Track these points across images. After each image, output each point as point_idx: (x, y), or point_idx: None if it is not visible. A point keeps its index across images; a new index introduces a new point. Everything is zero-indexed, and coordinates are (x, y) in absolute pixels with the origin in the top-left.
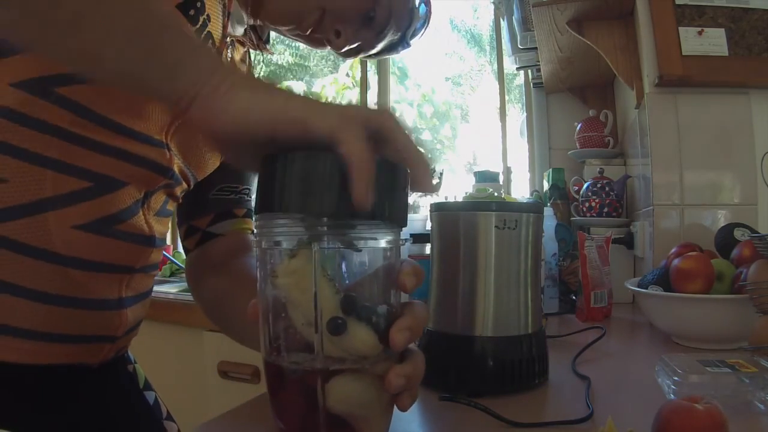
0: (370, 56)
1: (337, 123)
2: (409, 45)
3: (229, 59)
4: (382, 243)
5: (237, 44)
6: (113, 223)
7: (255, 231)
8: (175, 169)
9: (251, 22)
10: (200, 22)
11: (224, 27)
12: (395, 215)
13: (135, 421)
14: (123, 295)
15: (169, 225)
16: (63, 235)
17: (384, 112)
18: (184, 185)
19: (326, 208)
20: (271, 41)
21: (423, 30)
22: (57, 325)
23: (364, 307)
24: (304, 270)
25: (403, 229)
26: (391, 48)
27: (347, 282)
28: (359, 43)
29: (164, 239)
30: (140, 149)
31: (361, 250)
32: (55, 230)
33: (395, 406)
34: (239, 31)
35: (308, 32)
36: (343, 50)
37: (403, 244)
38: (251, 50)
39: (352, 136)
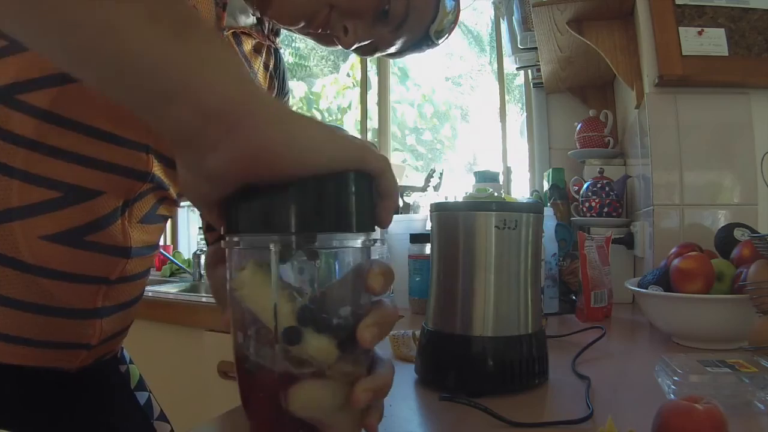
0: (391, 55)
1: (383, 162)
2: (435, 43)
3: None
4: (348, 246)
5: (243, 36)
6: (85, 234)
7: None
8: (156, 172)
9: (258, 15)
10: None
11: (219, 18)
12: (361, 223)
13: (120, 421)
14: (99, 305)
15: (160, 232)
16: (30, 246)
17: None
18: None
19: (287, 227)
20: (281, 34)
21: (451, 27)
22: (27, 330)
23: (320, 317)
24: (253, 281)
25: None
26: (415, 46)
27: (311, 287)
28: (373, 40)
29: (150, 247)
30: (113, 156)
31: (319, 258)
32: (22, 240)
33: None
34: (244, 22)
35: (318, 30)
36: (354, 47)
37: (373, 245)
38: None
39: (391, 172)
